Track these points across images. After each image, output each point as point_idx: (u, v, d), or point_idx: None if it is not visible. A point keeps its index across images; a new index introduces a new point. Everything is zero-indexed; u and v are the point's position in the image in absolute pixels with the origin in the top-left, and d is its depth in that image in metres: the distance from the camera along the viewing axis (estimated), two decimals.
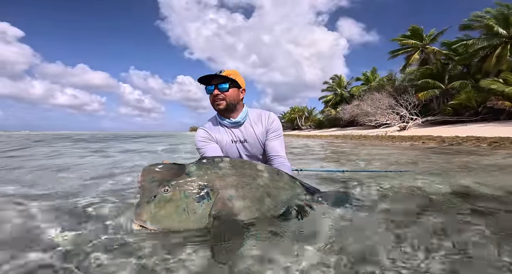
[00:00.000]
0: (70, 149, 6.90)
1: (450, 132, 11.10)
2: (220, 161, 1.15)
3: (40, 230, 1.12)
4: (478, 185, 1.90)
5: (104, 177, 2.52)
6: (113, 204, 1.50)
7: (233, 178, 1.11)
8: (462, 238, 0.97)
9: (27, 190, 1.92)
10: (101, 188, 1.99)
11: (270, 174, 1.22)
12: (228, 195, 1.06)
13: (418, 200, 1.54)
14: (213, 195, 1.03)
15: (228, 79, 1.46)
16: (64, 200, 1.59)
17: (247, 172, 1.16)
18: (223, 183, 1.08)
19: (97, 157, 4.82)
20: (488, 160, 3.62)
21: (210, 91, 1.48)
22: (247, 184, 1.12)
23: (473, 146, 6.29)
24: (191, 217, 0.99)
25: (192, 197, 1.01)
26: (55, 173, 2.80)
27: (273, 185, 1.19)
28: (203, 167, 1.09)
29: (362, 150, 6.17)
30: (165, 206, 0.99)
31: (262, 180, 1.17)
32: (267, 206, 1.13)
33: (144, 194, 1.01)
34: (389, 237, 0.99)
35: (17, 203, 1.53)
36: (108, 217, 1.27)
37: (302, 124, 42.03)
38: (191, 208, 1.00)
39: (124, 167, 3.32)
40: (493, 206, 1.38)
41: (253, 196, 1.11)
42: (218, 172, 1.10)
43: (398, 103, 17.48)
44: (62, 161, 4.06)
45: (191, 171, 1.07)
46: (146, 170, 1.05)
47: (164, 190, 0.99)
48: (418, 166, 3.15)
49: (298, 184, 1.33)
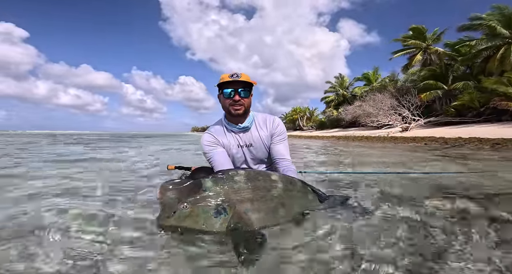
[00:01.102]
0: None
1: (453, 133, 11.06)
2: (235, 174, 1.18)
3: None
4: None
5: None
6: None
7: (248, 192, 1.14)
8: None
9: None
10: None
11: (284, 184, 1.25)
12: (244, 208, 1.10)
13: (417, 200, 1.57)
14: (230, 210, 1.07)
15: (248, 84, 1.47)
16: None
17: (262, 184, 1.19)
18: (239, 197, 1.11)
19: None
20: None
21: (229, 95, 1.46)
22: (262, 196, 1.16)
23: (476, 148, 6.28)
24: (209, 232, 1.03)
25: (209, 213, 1.05)
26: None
27: (286, 195, 1.23)
28: (219, 182, 1.13)
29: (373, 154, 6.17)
30: (185, 221, 1.03)
31: (277, 191, 1.21)
32: (280, 215, 1.18)
33: (164, 209, 1.06)
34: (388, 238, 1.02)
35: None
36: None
37: (303, 125, 41.99)
38: (209, 223, 1.04)
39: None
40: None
41: (267, 207, 1.15)
42: (234, 186, 1.13)
43: (401, 104, 17.43)
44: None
45: (207, 187, 1.10)
46: (164, 187, 1.10)
47: (183, 206, 1.04)
48: (425, 168, 3.17)
49: (309, 189, 1.38)
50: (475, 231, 1.10)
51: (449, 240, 1.02)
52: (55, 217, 1.33)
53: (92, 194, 1.85)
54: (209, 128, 1.65)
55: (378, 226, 1.19)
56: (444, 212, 1.38)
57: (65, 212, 1.40)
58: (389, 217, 1.31)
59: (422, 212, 1.38)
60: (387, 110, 18.14)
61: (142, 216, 1.32)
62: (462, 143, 7.42)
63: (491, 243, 1.00)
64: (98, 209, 1.45)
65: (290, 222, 1.19)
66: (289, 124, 46.43)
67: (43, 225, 1.21)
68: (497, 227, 1.15)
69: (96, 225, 1.22)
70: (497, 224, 1.19)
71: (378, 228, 1.17)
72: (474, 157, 4.50)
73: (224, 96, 1.48)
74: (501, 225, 1.18)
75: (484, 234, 1.07)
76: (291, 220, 1.20)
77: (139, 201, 1.64)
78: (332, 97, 35.96)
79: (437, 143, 8.17)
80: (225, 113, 1.60)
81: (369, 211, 1.38)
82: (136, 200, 1.67)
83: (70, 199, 1.68)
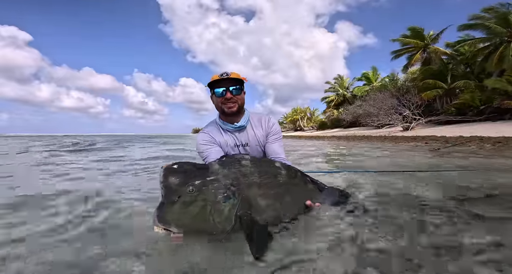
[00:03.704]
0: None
1: (454, 132, 11.02)
2: (242, 158, 1.10)
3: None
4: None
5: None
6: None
7: (255, 176, 1.06)
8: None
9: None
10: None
11: (287, 171, 1.19)
12: (252, 193, 1.01)
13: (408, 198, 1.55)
14: (239, 194, 0.98)
15: (239, 81, 1.46)
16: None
17: (268, 169, 1.12)
18: (248, 182, 1.02)
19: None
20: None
21: (221, 94, 1.45)
22: (269, 182, 1.09)
23: (477, 147, 6.25)
24: (216, 218, 0.93)
25: (218, 197, 0.95)
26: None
27: (291, 182, 1.17)
28: (226, 165, 1.03)
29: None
30: (191, 206, 0.91)
31: (282, 177, 1.14)
32: (287, 203, 1.11)
33: (167, 194, 0.93)
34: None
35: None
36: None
37: (304, 125, 41.97)
38: (217, 208, 0.93)
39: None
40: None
41: (275, 194, 1.08)
42: (241, 169, 1.04)
43: (401, 104, 17.40)
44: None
45: (215, 169, 1.00)
46: (168, 169, 0.96)
47: (189, 190, 0.92)
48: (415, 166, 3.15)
49: (308, 179, 1.32)
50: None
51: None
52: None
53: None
54: (204, 129, 1.64)
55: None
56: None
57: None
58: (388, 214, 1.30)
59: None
60: (387, 110, 18.10)
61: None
62: (463, 141, 7.38)
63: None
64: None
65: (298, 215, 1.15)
66: (290, 125, 46.43)
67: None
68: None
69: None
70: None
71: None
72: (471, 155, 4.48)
73: (216, 95, 1.48)
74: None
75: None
76: (297, 210, 1.15)
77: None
78: (333, 97, 35.95)
79: (438, 142, 8.14)
80: (219, 113, 1.59)
81: (366, 209, 1.36)
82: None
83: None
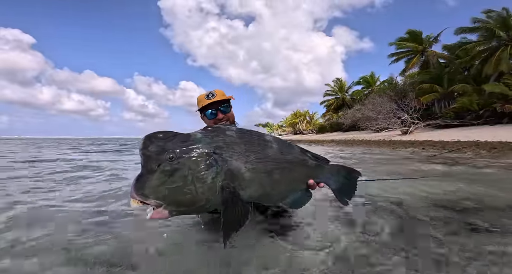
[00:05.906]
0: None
1: (452, 136, 11.02)
2: (227, 129, 1.02)
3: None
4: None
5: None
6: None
7: (242, 146, 0.99)
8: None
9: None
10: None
11: (279, 145, 1.09)
12: (237, 164, 0.95)
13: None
14: (223, 163, 0.93)
15: (226, 100, 1.50)
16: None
17: (256, 141, 1.04)
18: (232, 151, 0.96)
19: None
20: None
21: (213, 117, 1.50)
22: (256, 153, 1.00)
23: (473, 153, 6.25)
24: (199, 187, 0.88)
25: (200, 165, 0.89)
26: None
27: (284, 158, 1.07)
28: (210, 134, 0.98)
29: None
30: (171, 175, 0.87)
31: (272, 151, 1.05)
32: (276, 180, 1.03)
33: (146, 163, 0.87)
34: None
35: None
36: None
37: (303, 129, 42.00)
38: (199, 177, 0.88)
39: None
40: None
41: (263, 168, 1.00)
42: (226, 139, 0.98)
43: (400, 108, 17.41)
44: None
45: (197, 138, 0.95)
46: (148, 136, 0.91)
47: (169, 157, 0.86)
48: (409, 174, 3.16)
49: (309, 155, 1.19)
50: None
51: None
52: None
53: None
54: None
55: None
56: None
57: None
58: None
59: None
60: (386, 114, 18.12)
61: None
62: (460, 147, 7.38)
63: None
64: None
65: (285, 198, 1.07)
66: (289, 129, 46.47)
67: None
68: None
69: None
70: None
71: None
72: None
73: (207, 118, 1.53)
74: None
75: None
76: (293, 190, 1.08)
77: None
78: (332, 101, 36.02)
79: (434, 148, 8.14)
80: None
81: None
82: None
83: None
